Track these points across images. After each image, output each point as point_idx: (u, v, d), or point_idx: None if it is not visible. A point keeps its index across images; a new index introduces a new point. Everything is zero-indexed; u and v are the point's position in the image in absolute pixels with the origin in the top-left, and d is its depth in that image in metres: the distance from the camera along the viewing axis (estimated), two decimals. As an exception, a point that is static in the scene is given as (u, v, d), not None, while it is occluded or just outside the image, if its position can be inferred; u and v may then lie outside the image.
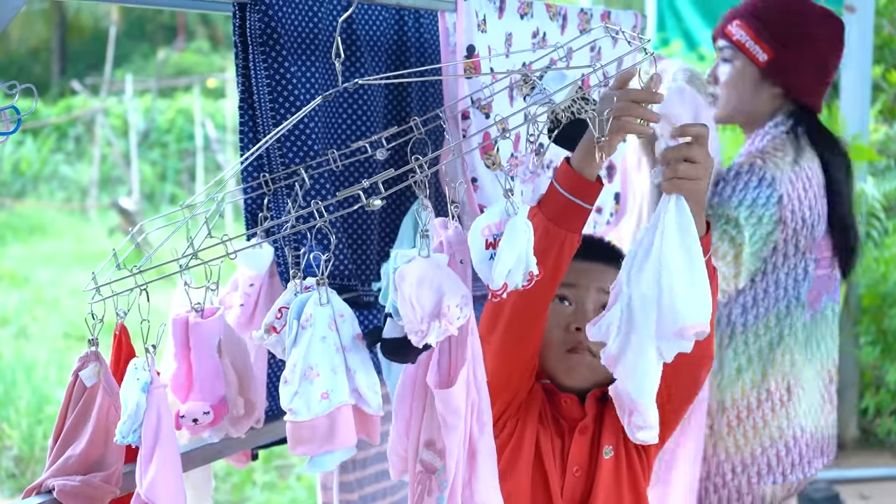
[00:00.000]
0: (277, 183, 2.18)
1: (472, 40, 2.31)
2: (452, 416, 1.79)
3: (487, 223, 1.74)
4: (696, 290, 1.81)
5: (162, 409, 1.76)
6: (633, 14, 2.93)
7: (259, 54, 2.17)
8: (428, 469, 1.85)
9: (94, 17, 22.24)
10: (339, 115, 2.35)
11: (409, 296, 1.69)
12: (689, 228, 1.82)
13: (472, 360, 1.82)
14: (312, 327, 1.75)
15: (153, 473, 1.72)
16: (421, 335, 1.70)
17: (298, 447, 1.74)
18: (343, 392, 1.75)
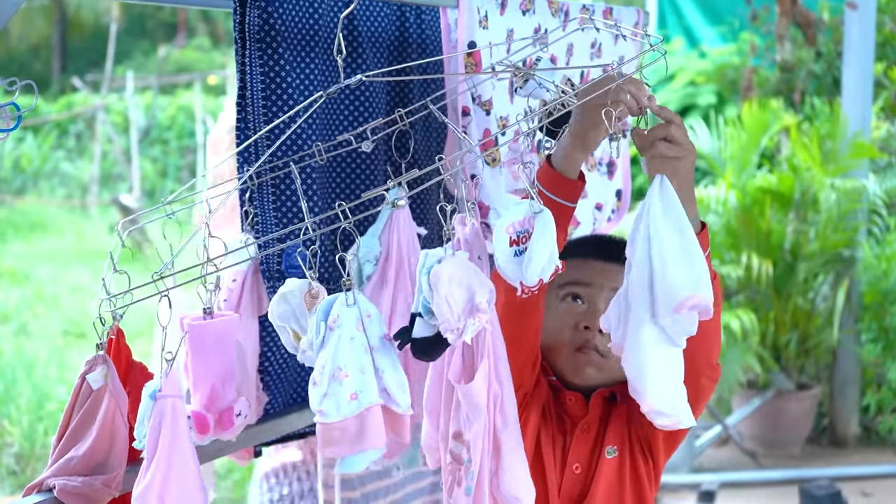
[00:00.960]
0: (263, 177, 2.16)
1: (473, 36, 2.30)
2: (474, 410, 1.81)
3: (511, 221, 1.77)
4: (688, 262, 1.81)
5: (166, 419, 1.72)
6: (635, 11, 2.92)
7: (255, 51, 2.15)
8: (457, 460, 1.87)
9: (95, 14, 22.24)
10: (340, 113, 2.34)
11: (444, 295, 1.70)
12: (674, 205, 1.82)
13: (492, 353, 1.83)
14: (340, 328, 1.75)
15: (146, 483, 1.70)
16: (458, 333, 1.71)
17: (328, 448, 1.74)
18: (372, 392, 1.75)
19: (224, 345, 1.93)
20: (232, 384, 1.93)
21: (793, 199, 6.56)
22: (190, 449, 1.76)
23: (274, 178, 2.16)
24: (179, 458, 1.73)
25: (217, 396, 1.92)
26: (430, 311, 1.74)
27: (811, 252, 6.50)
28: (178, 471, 1.72)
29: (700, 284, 1.81)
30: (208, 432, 1.91)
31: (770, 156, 7.61)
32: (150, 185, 15.26)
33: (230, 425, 1.93)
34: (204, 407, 1.90)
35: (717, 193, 6.63)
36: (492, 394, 1.83)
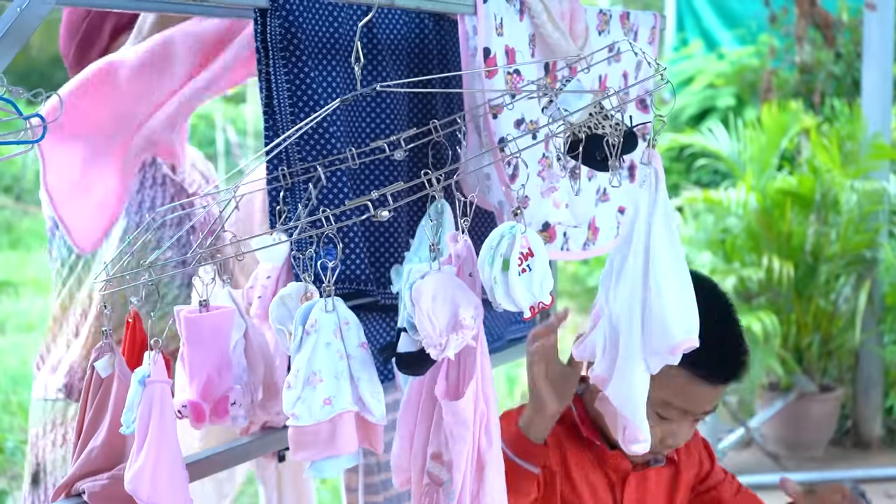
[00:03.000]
0: (295, 177, 2.20)
1: (488, 43, 2.32)
2: (460, 428, 1.80)
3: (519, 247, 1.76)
4: (685, 301, 1.83)
5: (156, 404, 1.75)
6: (652, 15, 2.93)
7: (279, 59, 2.19)
8: (435, 482, 1.86)
9: (115, 24, 22.33)
10: (362, 120, 2.37)
11: (426, 310, 1.71)
12: (674, 231, 1.83)
13: (480, 372, 1.83)
14: (317, 333, 1.78)
15: (138, 466, 1.73)
16: (440, 348, 1.72)
17: (300, 452, 1.76)
18: (346, 399, 1.77)
19: (220, 336, 1.97)
20: (229, 374, 1.97)
21: (813, 200, 6.55)
22: (175, 433, 1.80)
23: (305, 181, 2.19)
24: (168, 442, 1.76)
25: (213, 386, 1.95)
26: (414, 325, 1.75)
27: (832, 254, 6.49)
28: (167, 454, 1.76)
29: (693, 327, 1.82)
30: (204, 421, 1.94)
31: (790, 158, 7.60)
32: (171, 194, 15.29)
33: (225, 414, 1.97)
34: (200, 396, 1.94)
35: (737, 196, 6.63)
36: (479, 413, 1.82)
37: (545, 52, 2.47)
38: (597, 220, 2.69)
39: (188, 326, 1.92)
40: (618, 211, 2.79)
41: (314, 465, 1.78)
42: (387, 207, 1.73)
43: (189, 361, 1.93)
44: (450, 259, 1.83)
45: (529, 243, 1.77)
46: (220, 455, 2.15)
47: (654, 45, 2.94)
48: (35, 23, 1.75)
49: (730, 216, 6.62)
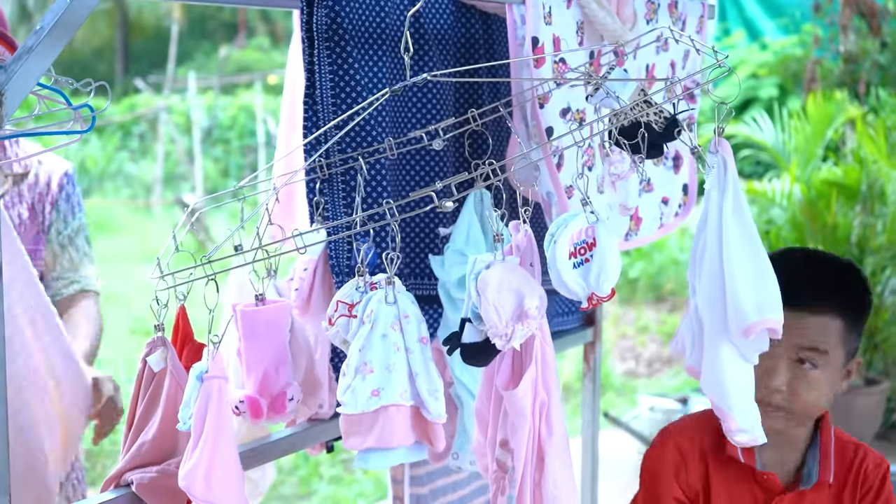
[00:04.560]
0: (333, 168, 2.18)
1: (537, 32, 2.30)
2: (519, 418, 1.81)
3: (571, 233, 1.75)
4: (759, 280, 1.78)
5: (212, 400, 1.75)
6: (700, 3, 2.89)
7: (324, 49, 2.18)
8: (502, 468, 1.87)
9: (156, 16, 22.49)
10: (408, 110, 2.36)
11: (492, 300, 1.70)
12: (745, 211, 1.80)
13: (540, 361, 1.82)
14: (373, 324, 1.76)
15: (192, 463, 1.72)
16: (506, 338, 1.71)
17: (349, 440, 1.76)
18: (395, 392, 1.75)
19: (276, 330, 1.96)
20: (286, 369, 1.95)
21: (859, 191, 6.47)
22: (232, 430, 1.79)
23: (344, 172, 2.18)
24: (224, 440, 1.75)
25: (270, 381, 1.95)
26: (479, 316, 1.75)
27: (878, 245, 6.41)
28: (223, 452, 1.75)
29: (770, 306, 1.77)
30: (262, 416, 1.94)
31: (835, 148, 7.52)
32: (212, 185, 15.38)
33: (283, 409, 1.96)
34: (257, 391, 1.93)
35: (781, 187, 6.57)
36: (538, 402, 1.82)
37: (593, 38, 2.44)
38: (640, 209, 2.66)
39: (244, 321, 1.91)
40: (661, 201, 2.76)
41: (359, 456, 1.77)
42: (451, 198, 1.71)
43: (246, 357, 1.92)
44: (510, 249, 1.82)
45: (594, 234, 1.75)
46: (266, 447, 2.14)
47: (703, 34, 2.90)
48: (84, 14, 1.74)
49: (774, 207, 6.55)
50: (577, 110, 2.36)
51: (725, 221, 1.80)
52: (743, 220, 1.80)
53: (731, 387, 1.79)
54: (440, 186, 1.76)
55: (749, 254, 1.79)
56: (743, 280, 1.78)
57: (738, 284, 1.77)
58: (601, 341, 3.14)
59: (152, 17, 22.67)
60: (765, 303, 1.78)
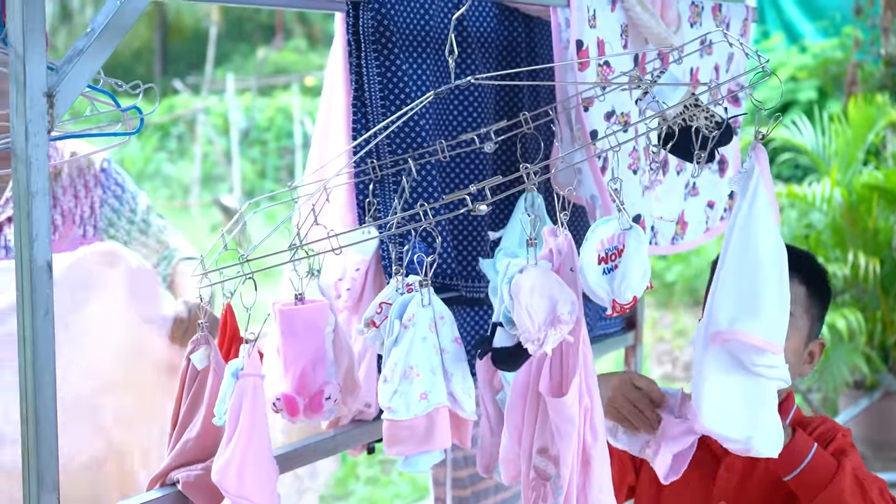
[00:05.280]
0: (385, 170, 2.20)
1: (580, 35, 2.30)
2: (566, 425, 1.80)
3: (601, 238, 1.75)
4: (746, 294, 1.80)
5: (247, 397, 1.76)
6: (743, 7, 2.89)
7: (371, 52, 2.19)
8: (542, 476, 1.86)
9: (195, 18, 22.61)
10: (450, 112, 2.36)
11: (525, 305, 1.70)
12: (756, 222, 1.80)
13: (583, 367, 1.82)
14: (414, 327, 1.77)
15: (225, 458, 1.74)
16: (538, 343, 1.71)
17: (395, 446, 1.76)
18: (441, 393, 1.77)
19: (314, 330, 1.97)
20: (323, 368, 1.96)
21: (901, 196, 6.42)
22: (266, 427, 1.80)
23: (395, 173, 2.19)
24: (258, 436, 1.77)
25: (307, 380, 1.95)
26: (511, 320, 1.74)
27: (920, 250, 6.36)
28: (256, 448, 1.76)
29: (745, 321, 1.79)
30: (298, 414, 1.94)
31: (876, 152, 7.46)
32: (249, 186, 15.44)
33: (320, 409, 1.96)
34: (294, 390, 1.94)
35: (822, 191, 6.52)
36: (583, 407, 1.82)
37: (637, 41, 2.44)
38: (686, 214, 2.65)
39: (282, 319, 1.92)
40: (707, 205, 2.75)
41: (409, 461, 1.77)
42: (485, 201, 1.71)
43: (284, 354, 1.93)
44: (550, 254, 1.81)
45: (623, 242, 1.75)
46: (309, 447, 2.16)
47: (746, 38, 2.90)
48: (133, 16, 1.76)
49: (814, 211, 6.50)
50: (622, 113, 2.35)
51: (735, 228, 1.82)
52: (749, 230, 1.81)
53: (706, 388, 1.83)
54: (474, 189, 1.76)
55: (743, 264, 1.81)
56: (724, 288, 1.81)
57: (719, 291, 1.81)
58: (641, 345, 3.13)
59: (191, 19, 22.80)
60: (740, 317, 1.80)
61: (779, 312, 1.81)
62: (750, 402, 1.84)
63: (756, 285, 1.80)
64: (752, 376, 1.83)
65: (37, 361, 1.61)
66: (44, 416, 1.62)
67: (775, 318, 1.81)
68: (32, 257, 1.60)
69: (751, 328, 1.79)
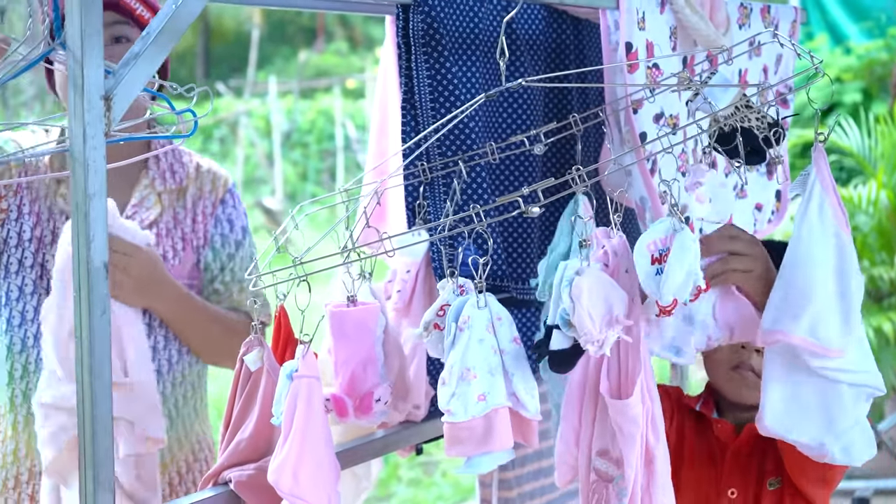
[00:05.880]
0: (435, 172, 2.20)
1: (630, 37, 2.30)
2: (630, 426, 1.81)
3: (653, 238, 1.76)
4: (796, 294, 1.80)
5: (302, 398, 1.76)
6: (792, 8, 2.88)
7: (421, 55, 2.20)
8: (603, 478, 1.87)
9: (237, 22, 22.76)
10: (499, 115, 2.37)
11: (586, 307, 1.71)
12: (811, 224, 1.80)
13: (643, 367, 1.83)
14: (470, 329, 1.78)
15: (280, 458, 1.74)
16: (598, 345, 1.71)
17: (455, 448, 1.76)
18: (500, 394, 1.77)
19: (365, 332, 1.98)
20: (374, 370, 1.97)
21: (948, 198, 6.36)
22: (324, 427, 1.80)
23: (445, 176, 2.20)
24: (314, 436, 1.77)
25: (357, 381, 1.96)
26: (569, 322, 1.75)
27: (968, 253, 6.29)
28: (311, 448, 1.76)
29: (785, 322, 1.79)
30: (347, 416, 1.95)
31: (922, 154, 7.39)
32: (291, 188, 15.52)
33: (369, 410, 1.97)
34: (344, 391, 1.95)
35: (868, 193, 6.47)
36: (645, 408, 1.83)
37: (686, 43, 2.44)
38: (734, 216, 2.64)
39: (333, 321, 1.94)
40: (755, 208, 2.74)
41: (469, 462, 1.78)
42: (537, 203, 1.72)
43: (335, 356, 1.94)
44: (605, 255, 1.82)
45: (669, 244, 1.75)
46: (358, 448, 2.17)
47: (795, 39, 2.88)
48: (188, 20, 1.78)
49: (859, 214, 6.45)
50: (671, 115, 2.35)
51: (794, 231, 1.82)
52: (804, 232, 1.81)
53: (771, 389, 1.83)
54: (527, 191, 1.77)
55: (795, 266, 1.80)
56: (776, 289, 1.82)
57: (772, 293, 1.82)
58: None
59: (233, 23, 22.96)
60: (781, 317, 1.80)
61: (833, 314, 1.79)
62: (822, 405, 1.83)
63: (806, 286, 1.79)
64: (822, 379, 1.81)
65: (93, 361, 1.62)
66: (100, 415, 1.64)
67: (827, 319, 1.80)
68: (90, 258, 1.61)
69: (790, 328, 1.79)
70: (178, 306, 2.39)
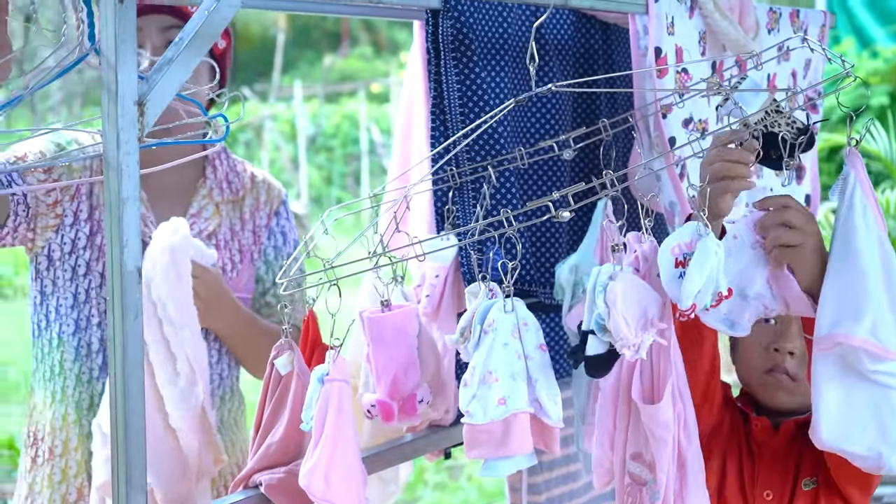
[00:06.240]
0: (464, 177, 2.21)
1: (659, 42, 2.30)
2: (662, 430, 1.81)
3: (677, 242, 1.76)
4: (851, 296, 1.77)
5: (332, 402, 1.76)
6: (821, 13, 2.86)
7: (451, 60, 2.21)
8: (637, 481, 1.87)
9: (262, 26, 22.82)
10: (528, 120, 2.37)
11: (621, 311, 1.71)
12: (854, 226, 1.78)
13: (675, 371, 1.82)
14: (495, 333, 1.78)
15: (312, 463, 1.75)
16: (634, 349, 1.72)
17: (474, 450, 1.77)
18: (520, 399, 1.77)
19: (403, 335, 1.98)
20: (414, 372, 1.97)
21: (978, 202, 6.32)
22: (353, 432, 1.80)
23: (474, 181, 2.21)
24: (344, 440, 1.77)
25: (399, 384, 1.96)
26: (604, 328, 1.75)
27: None
28: (342, 452, 1.77)
29: (846, 324, 1.76)
30: (393, 419, 1.95)
31: (950, 158, 7.34)
32: (315, 192, 15.57)
33: (414, 411, 1.97)
34: (388, 395, 1.95)
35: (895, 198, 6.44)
36: (676, 411, 1.83)
37: (715, 48, 2.43)
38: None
39: (371, 327, 1.94)
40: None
41: (487, 465, 1.78)
42: (567, 208, 1.72)
43: (375, 361, 1.95)
44: (636, 259, 1.82)
45: (691, 249, 1.74)
46: (387, 452, 2.18)
47: (824, 44, 2.87)
48: (221, 25, 1.79)
49: (888, 218, 6.42)
50: (700, 120, 2.35)
51: (835, 237, 1.81)
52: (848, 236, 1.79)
53: (823, 399, 1.79)
54: (557, 196, 1.77)
55: (845, 271, 1.78)
56: (826, 295, 1.78)
57: (822, 299, 1.78)
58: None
59: (258, 27, 23.03)
60: (841, 320, 1.77)
61: (889, 315, 1.77)
62: (878, 413, 1.78)
63: (859, 289, 1.77)
64: (876, 386, 1.78)
65: (126, 365, 1.63)
66: (133, 419, 1.65)
67: (885, 320, 1.77)
68: (123, 262, 1.62)
69: (851, 329, 1.76)
70: (235, 322, 2.39)
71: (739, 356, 2.18)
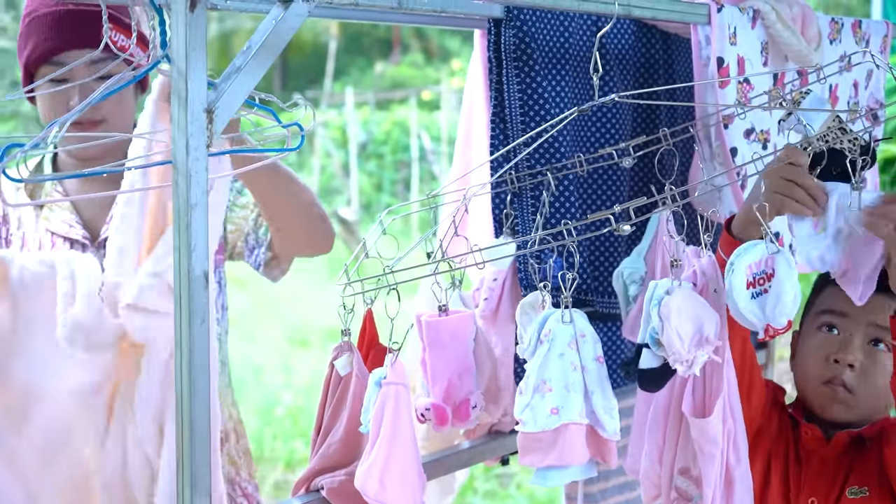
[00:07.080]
0: (523, 182, 2.22)
1: (721, 52, 2.29)
2: (710, 446, 1.80)
3: (748, 262, 1.75)
4: None
5: (389, 404, 1.78)
6: (883, 23, 2.85)
7: (512, 69, 2.22)
8: (683, 496, 1.87)
9: (314, 33, 22.94)
10: (588, 129, 2.38)
11: (675, 326, 1.71)
12: None
13: (727, 388, 1.82)
14: (551, 343, 1.78)
15: (368, 464, 1.76)
16: (687, 364, 1.72)
17: (526, 457, 1.78)
18: (574, 410, 1.77)
19: (460, 340, 1.99)
20: (469, 377, 1.99)
21: None
22: (411, 434, 1.81)
23: (533, 187, 2.21)
24: (401, 443, 1.78)
25: (454, 389, 1.98)
26: (658, 341, 1.75)
27: None
28: (398, 454, 1.78)
29: None
30: (446, 424, 1.97)
31: None
32: (366, 199, 15.62)
33: (467, 416, 1.98)
34: (442, 399, 1.96)
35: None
36: (726, 428, 1.83)
37: (777, 59, 2.43)
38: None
39: (429, 331, 1.95)
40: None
41: (538, 473, 1.79)
42: (628, 221, 1.73)
43: (430, 365, 1.96)
44: (693, 274, 1.82)
45: (773, 265, 1.74)
46: (444, 459, 2.19)
47: (885, 55, 2.85)
48: (288, 34, 1.81)
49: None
50: (762, 131, 2.34)
51: None
52: None
53: None
54: (619, 209, 1.78)
55: None
56: None
57: None
58: (773, 364, 3.10)
59: (310, 35, 23.14)
60: None
61: None
62: None
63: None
64: None
65: (193, 368, 1.66)
66: (199, 423, 1.66)
67: None
68: (190, 267, 1.65)
69: None
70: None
71: (798, 363, 2.16)
